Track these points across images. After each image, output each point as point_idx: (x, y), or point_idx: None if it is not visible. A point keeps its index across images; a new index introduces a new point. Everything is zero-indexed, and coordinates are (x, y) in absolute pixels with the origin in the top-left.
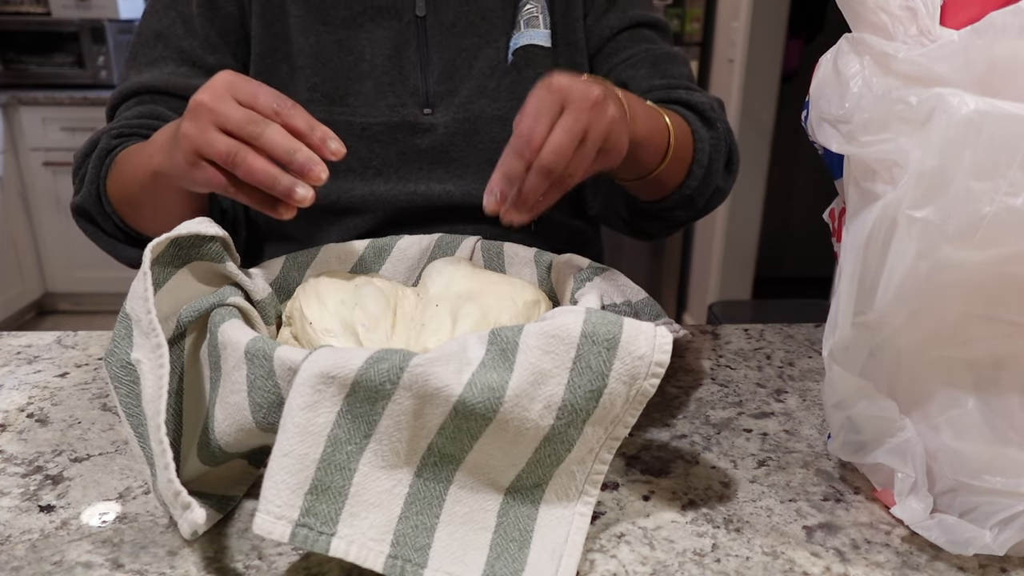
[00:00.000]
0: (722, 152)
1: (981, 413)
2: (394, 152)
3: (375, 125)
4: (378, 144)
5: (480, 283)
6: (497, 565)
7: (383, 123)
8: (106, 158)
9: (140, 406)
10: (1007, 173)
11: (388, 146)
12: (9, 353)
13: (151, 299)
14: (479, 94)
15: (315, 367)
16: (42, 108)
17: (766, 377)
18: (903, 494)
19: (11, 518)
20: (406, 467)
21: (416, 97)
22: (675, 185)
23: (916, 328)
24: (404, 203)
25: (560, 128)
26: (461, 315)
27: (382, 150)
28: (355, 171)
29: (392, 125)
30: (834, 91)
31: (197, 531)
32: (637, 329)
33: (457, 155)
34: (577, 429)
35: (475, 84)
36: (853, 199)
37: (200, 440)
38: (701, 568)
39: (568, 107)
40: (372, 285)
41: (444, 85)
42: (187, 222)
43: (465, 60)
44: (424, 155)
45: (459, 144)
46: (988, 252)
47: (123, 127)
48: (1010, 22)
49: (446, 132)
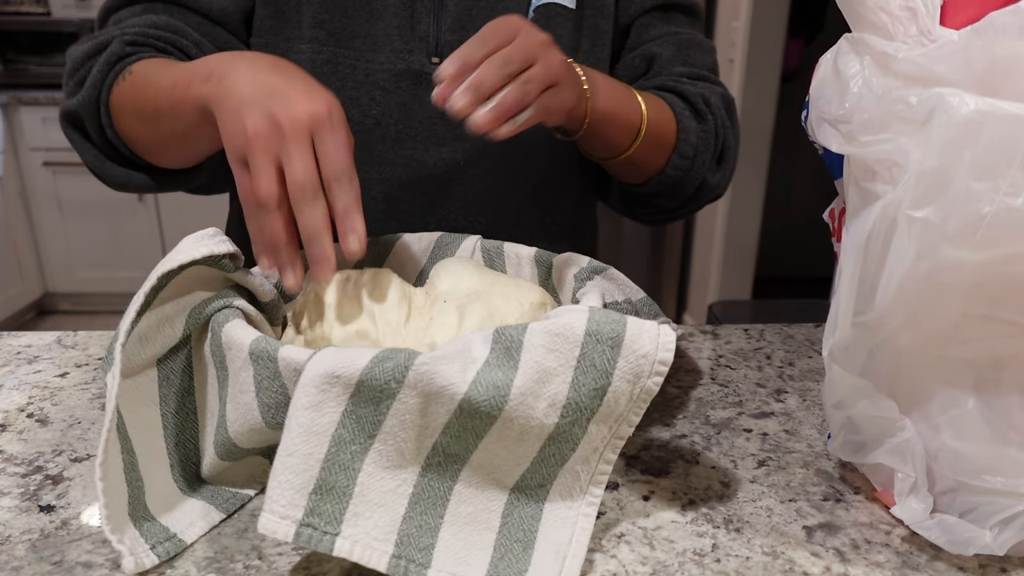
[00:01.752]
0: (711, 145)
1: (981, 413)
2: (395, 102)
3: (379, 71)
4: (379, 91)
5: (487, 283)
6: (501, 565)
7: (388, 69)
8: (116, 64)
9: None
10: (1007, 173)
11: (390, 95)
12: (9, 353)
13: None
14: None
15: (320, 367)
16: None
17: (766, 377)
18: (903, 494)
19: (11, 518)
20: (410, 467)
21: (425, 44)
22: (655, 170)
23: (916, 328)
24: (399, 169)
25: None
26: (468, 313)
27: (383, 98)
28: (353, 120)
29: (397, 72)
30: (834, 91)
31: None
32: (641, 327)
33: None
34: (581, 428)
35: None
36: (853, 199)
37: (216, 437)
38: (701, 568)
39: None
40: (391, 273)
41: (456, 34)
42: (199, 239)
43: (482, 11)
44: (426, 108)
45: None
46: (988, 252)
47: (138, 34)
48: (1010, 22)
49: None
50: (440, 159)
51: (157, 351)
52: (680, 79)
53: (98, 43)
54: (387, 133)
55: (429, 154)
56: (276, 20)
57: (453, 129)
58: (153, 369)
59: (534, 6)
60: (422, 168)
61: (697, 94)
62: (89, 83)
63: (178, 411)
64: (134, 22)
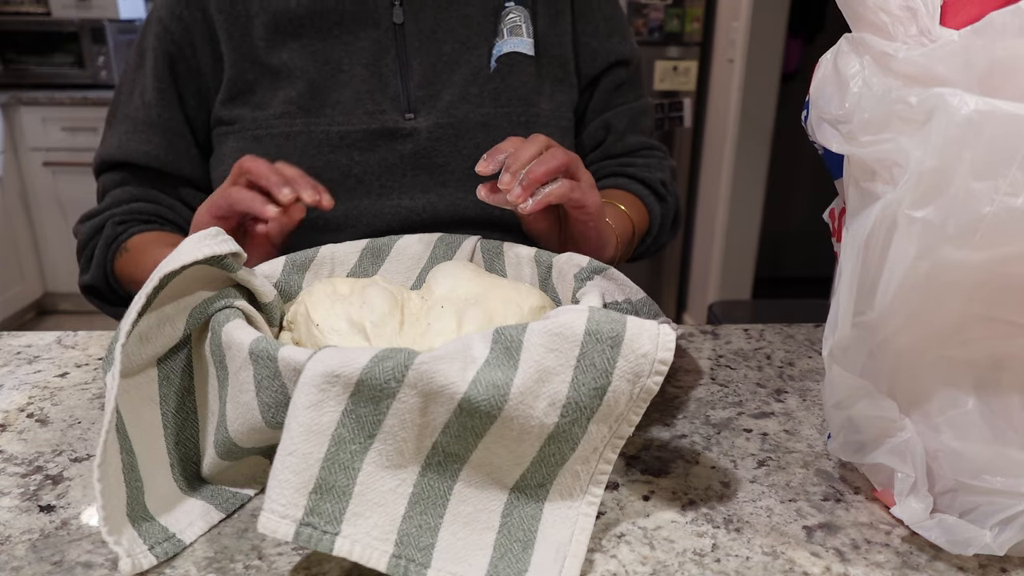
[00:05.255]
0: (670, 218)
1: (981, 413)
2: (375, 160)
3: (354, 133)
4: (357, 152)
5: (485, 287)
6: (501, 565)
7: (362, 130)
8: (111, 244)
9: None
10: (1007, 173)
11: (368, 153)
12: (9, 353)
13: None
14: (462, 99)
15: (320, 366)
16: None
17: (766, 377)
18: (903, 494)
19: (11, 518)
20: (410, 466)
21: (396, 103)
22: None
23: (916, 328)
24: (388, 218)
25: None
26: (467, 318)
27: (362, 158)
28: (335, 182)
29: (372, 132)
30: (834, 91)
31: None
32: (640, 327)
33: (441, 161)
34: (581, 427)
35: (457, 90)
36: (853, 199)
37: (217, 436)
38: (701, 568)
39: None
40: (378, 285)
41: (425, 90)
42: (202, 240)
43: (446, 65)
44: (407, 161)
45: (443, 149)
46: (988, 252)
47: (125, 213)
48: (1010, 22)
49: (429, 137)
50: (427, 204)
51: (158, 350)
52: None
53: (94, 225)
54: (371, 189)
55: (416, 201)
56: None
57: (435, 177)
58: (153, 368)
59: (496, 56)
60: (411, 214)
61: (657, 180)
62: (95, 263)
63: (178, 410)
64: (119, 196)
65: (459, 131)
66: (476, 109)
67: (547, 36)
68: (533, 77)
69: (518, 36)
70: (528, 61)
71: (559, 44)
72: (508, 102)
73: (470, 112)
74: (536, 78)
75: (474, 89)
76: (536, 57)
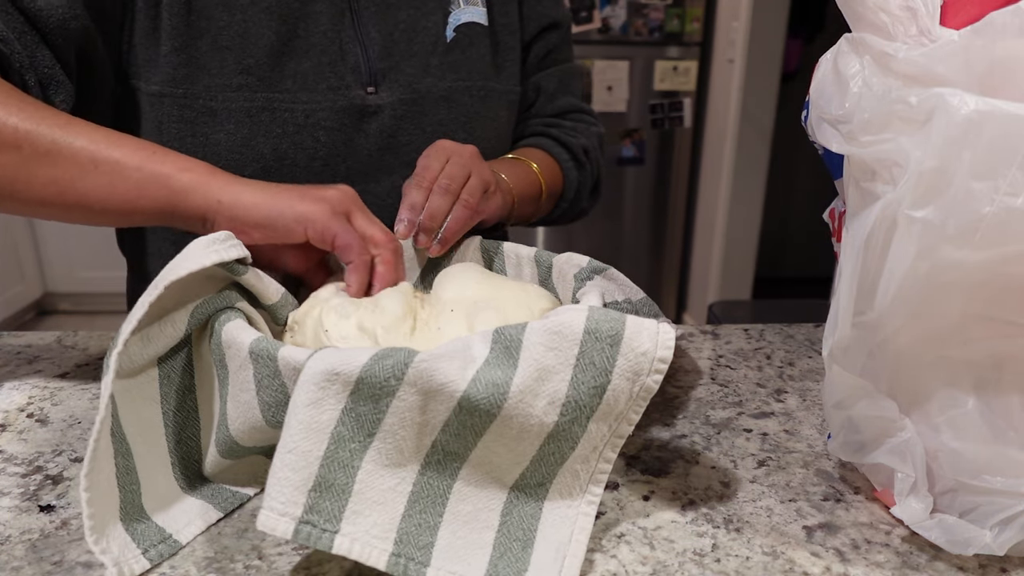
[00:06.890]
0: (588, 185)
1: (981, 413)
2: (340, 140)
3: (319, 111)
4: (323, 131)
5: (494, 289)
6: (500, 564)
7: (327, 107)
8: None
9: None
10: (1007, 173)
11: (334, 132)
12: (9, 353)
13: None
14: (423, 72)
15: (320, 364)
16: None
17: (766, 377)
18: (903, 494)
19: (11, 518)
20: (410, 465)
21: (358, 75)
22: (545, 213)
23: (916, 328)
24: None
25: (451, 163)
26: (479, 321)
27: (327, 138)
28: (300, 165)
29: (337, 110)
30: (834, 91)
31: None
32: (640, 325)
33: (405, 139)
34: (581, 426)
35: (418, 62)
36: (853, 199)
37: (218, 435)
38: (701, 568)
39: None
40: (394, 288)
41: (385, 61)
42: (209, 244)
43: (404, 34)
44: (372, 141)
45: (407, 128)
46: (988, 252)
47: None
48: (1010, 22)
49: (393, 115)
50: (392, 188)
51: (159, 350)
52: (563, 121)
53: None
54: (336, 172)
55: (381, 184)
56: (191, 68)
57: (400, 157)
58: (154, 368)
59: (454, 25)
60: (376, 199)
61: (579, 146)
62: None
63: (179, 409)
64: None
65: (423, 107)
66: (438, 82)
67: (498, 3)
68: (488, 48)
69: (474, 5)
70: (484, 31)
71: (506, 13)
72: (468, 75)
73: (432, 86)
74: (491, 49)
75: (434, 60)
76: (490, 26)
